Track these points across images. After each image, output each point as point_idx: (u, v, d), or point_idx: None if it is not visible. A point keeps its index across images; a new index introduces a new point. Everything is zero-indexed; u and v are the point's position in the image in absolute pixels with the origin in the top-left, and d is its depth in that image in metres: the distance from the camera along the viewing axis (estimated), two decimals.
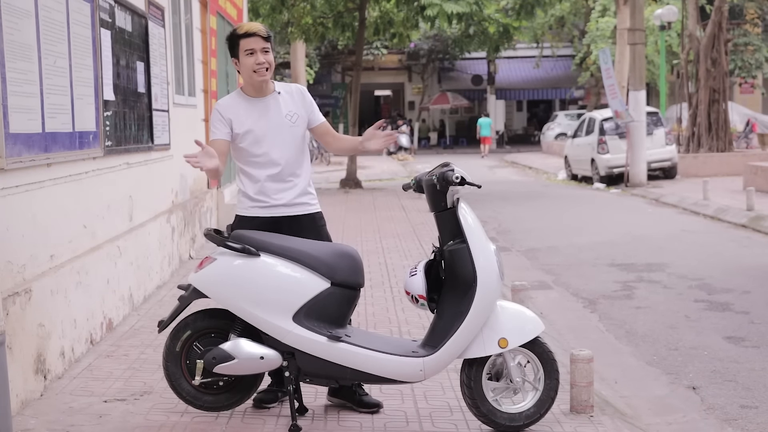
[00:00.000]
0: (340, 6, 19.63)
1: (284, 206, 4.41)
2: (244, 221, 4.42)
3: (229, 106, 4.43)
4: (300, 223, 4.42)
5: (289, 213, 4.41)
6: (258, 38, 4.33)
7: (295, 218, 4.42)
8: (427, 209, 4.42)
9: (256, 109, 4.41)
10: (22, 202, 4.68)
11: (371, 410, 4.45)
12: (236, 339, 4.08)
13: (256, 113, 4.40)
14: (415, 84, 45.67)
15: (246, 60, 4.34)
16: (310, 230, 4.42)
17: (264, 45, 4.35)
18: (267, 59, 4.35)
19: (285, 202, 4.40)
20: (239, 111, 4.40)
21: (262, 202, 4.41)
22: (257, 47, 4.33)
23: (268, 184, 4.39)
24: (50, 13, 5.05)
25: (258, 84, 4.40)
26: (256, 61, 4.32)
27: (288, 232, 4.36)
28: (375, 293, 7.38)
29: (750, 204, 13.07)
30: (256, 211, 4.42)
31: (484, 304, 4.03)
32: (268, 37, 4.38)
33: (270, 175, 4.39)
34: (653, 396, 5.38)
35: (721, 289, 8.18)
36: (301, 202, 4.45)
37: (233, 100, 4.47)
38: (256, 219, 4.40)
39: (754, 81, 33.32)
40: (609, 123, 20.06)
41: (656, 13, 25.62)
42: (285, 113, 4.43)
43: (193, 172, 9.72)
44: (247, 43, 4.33)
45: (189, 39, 9.76)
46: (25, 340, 4.54)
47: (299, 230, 4.38)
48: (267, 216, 4.40)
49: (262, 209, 4.41)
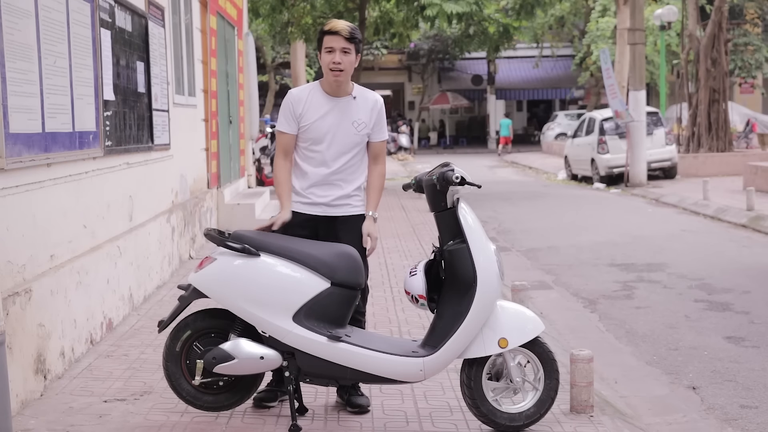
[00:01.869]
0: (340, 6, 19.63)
1: (325, 205, 4.41)
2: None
3: (302, 98, 4.41)
4: (337, 224, 4.42)
5: (328, 213, 4.42)
6: (339, 37, 4.31)
7: (332, 218, 4.42)
8: (427, 209, 4.42)
9: (328, 106, 4.40)
10: (22, 202, 4.67)
11: (357, 410, 4.44)
12: (236, 339, 4.08)
13: (326, 110, 4.39)
14: (415, 84, 45.67)
15: (325, 57, 4.34)
16: (347, 232, 4.41)
17: (345, 45, 4.31)
18: (345, 60, 4.31)
19: (326, 201, 4.41)
20: (310, 104, 4.39)
21: (305, 198, 4.43)
22: (337, 46, 4.31)
23: (316, 182, 4.40)
24: (50, 13, 5.05)
25: (333, 83, 4.39)
26: (333, 59, 4.31)
27: (325, 231, 4.38)
28: (375, 293, 7.37)
29: (750, 204, 13.07)
30: (298, 206, 4.44)
31: (484, 304, 4.03)
32: (352, 38, 4.33)
33: (320, 174, 4.40)
34: (653, 396, 5.38)
35: (721, 289, 8.18)
36: (343, 203, 4.44)
37: (307, 92, 4.45)
38: (297, 214, 4.41)
39: (754, 81, 33.30)
40: (609, 123, 20.06)
41: (656, 13, 25.62)
42: (353, 120, 4.41)
43: (193, 172, 9.73)
44: (329, 41, 4.33)
45: (189, 39, 9.76)
46: (25, 340, 4.54)
47: (337, 230, 4.39)
48: (307, 213, 4.41)
49: (304, 206, 4.43)
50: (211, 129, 10.80)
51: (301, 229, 4.37)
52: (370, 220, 4.47)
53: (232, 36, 13.09)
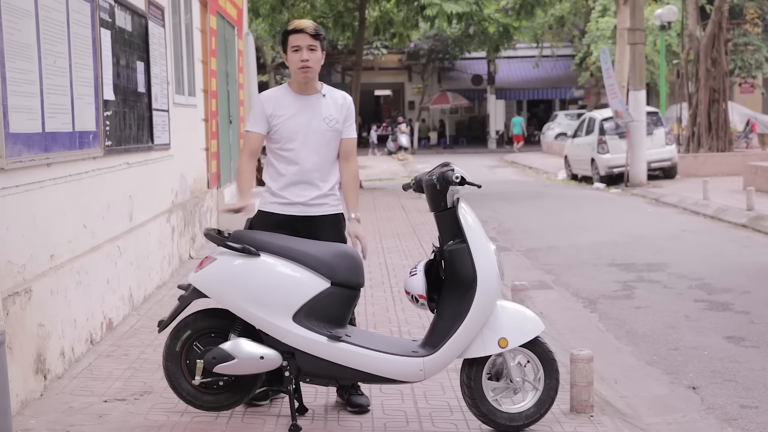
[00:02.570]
0: (340, 6, 19.64)
1: (302, 205, 4.41)
2: (264, 216, 4.45)
3: (272, 99, 4.45)
4: (317, 224, 4.42)
5: (307, 213, 4.41)
6: (305, 35, 4.35)
7: (311, 218, 4.42)
8: (427, 209, 4.42)
9: (298, 105, 4.42)
10: (22, 202, 4.68)
11: (357, 410, 4.45)
12: (236, 339, 4.08)
13: (296, 109, 4.41)
14: (415, 84, 45.66)
15: (292, 56, 4.37)
16: (327, 231, 4.41)
17: (311, 42, 4.35)
18: (312, 57, 4.35)
19: (304, 200, 4.41)
20: (281, 104, 4.42)
21: (282, 198, 4.42)
22: (304, 44, 4.35)
23: (292, 181, 4.40)
24: (50, 13, 5.05)
25: (302, 81, 4.42)
26: (301, 58, 4.34)
27: (304, 231, 4.37)
28: (375, 293, 7.38)
29: (750, 204, 13.07)
30: (275, 207, 4.43)
31: (484, 303, 4.03)
32: (317, 35, 4.37)
33: (295, 172, 4.40)
34: (653, 396, 5.38)
35: (721, 289, 8.18)
36: (320, 203, 4.44)
37: (277, 93, 4.49)
38: (273, 215, 4.42)
39: (754, 81, 33.32)
40: (609, 123, 20.06)
41: (656, 13, 25.61)
42: (325, 116, 4.44)
43: (193, 172, 9.73)
44: (295, 39, 4.36)
45: (189, 39, 9.76)
46: (25, 340, 4.54)
47: (316, 230, 4.38)
48: (284, 214, 4.41)
49: (281, 206, 4.42)
50: (211, 129, 10.80)
51: (279, 229, 4.36)
52: (354, 223, 4.46)
53: (232, 36, 13.10)
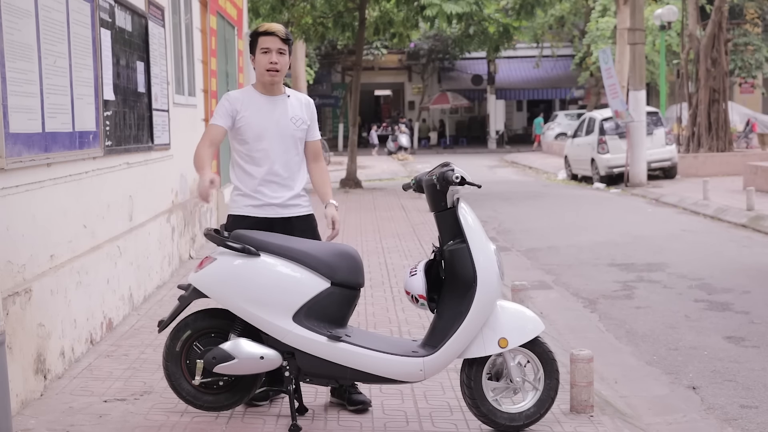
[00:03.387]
0: (340, 6, 19.62)
1: (278, 206, 4.43)
2: (237, 220, 4.43)
3: (238, 98, 4.49)
4: (292, 225, 4.46)
5: (282, 214, 4.44)
6: (276, 38, 4.39)
7: (287, 219, 4.46)
8: (427, 209, 4.42)
9: (265, 105, 4.47)
10: (22, 202, 4.67)
11: (358, 408, 4.45)
12: (236, 339, 4.08)
13: (263, 109, 4.46)
14: (415, 84, 45.67)
15: (260, 58, 4.41)
16: (302, 232, 4.45)
17: (281, 46, 4.41)
18: (281, 60, 4.41)
19: (279, 202, 4.43)
20: (247, 104, 4.45)
21: (256, 200, 4.43)
22: (273, 47, 4.39)
23: (264, 182, 4.42)
24: (50, 13, 5.05)
25: (268, 83, 4.46)
26: (270, 60, 4.39)
27: (281, 233, 4.37)
28: (375, 293, 7.38)
29: (750, 204, 13.07)
30: (249, 210, 4.44)
31: (484, 304, 4.03)
32: (287, 39, 4.43)
33: (267, 172, 4.42)
34: (653, 396, 5.38)
35: (721, 289, 8.18)
36: (295, 204, 4.48)
37: (244, 94, 4.53)
38: (248, 218, 4.42)
39: (754, 81, 33.33)
40: (609, 123, 20.06)
41: (656, 13, 25.63)
42: (291, 116, 4.50)
43: (193, 172, 9.72)
44: (264, 41, 4.40)
45: (189, 39, 9.76)
46: (25, 340, 4.54)
47: (291, 231, 4.41)
48: (260, 216, 4.42)
49: (255, 208, 4.43)
50: None
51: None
52: (331, 206, 4.51)
53: (232, 36, 13.10)
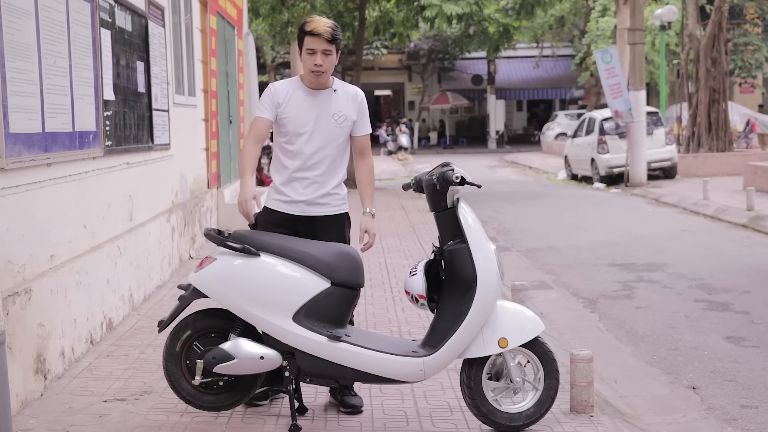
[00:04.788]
0: (340, 6, 19.62)
1: (305, 203, 4.40)
2: (267, 212, 4.46)
3: (283, 90, 4.44)
4: (317, 223, 4.42)
5: (309, 212, 4.41)
6: (321, 40, 4.31)
7: (312, 218, 4.41)
8: (427, 209, 4.42)
9: (308, 99, 4.42)
10: (22, 202, 4.68)
11: (350, 411, 4.45)
12: (236, 339, 4.08)
13: (306, 103, 4.41)
14: (415, 84, 45.66)
15: (306, 58, 4.36)
16: (328, 231, 4.41)
17: (326, 47, 4.32)
18: (327, 61, 4.34)
19: (306, 198, 4.40)
20: (290, 97, 4.42)
21: (285, 195, 4.42)
22: (319, 48, 4.32)
23: (295, 177, 4.40)
24: (50, 13, 5.05)
25: (313, 81, 4.42)
26: (315, 61, 4.33)
27: (305, 230, 4.37)
28: (375, 293, 7.38)
29: (750, 204, 13.07)
30: (278, 204, 4.44)
31: (484, 304, 4.03)
32: (333, 39, 4.34)
33: (299, 167, 4.39)
34: (653, 396, 5.38)
35: (721, 289, 8.18)
36: (323, 202, 4.43)
37: (289, 85, 4.48)
38: (276, 213, 4.42)
39: (754, 81, 33.32)
40: (609, 123, 20.06)
41: (656, 13, 25.61)
42: (333, 112, 4.43)
43: (193, 172, 9.73)
44: (310, 42, 4.33)
45: (189, 39, 9.76)
46: (25, 340, 4.54)
47: (316, 230, 4.38)
48: (287, 212, 4.41)
49: (284, 203, 4.42)
50: (211, 129, 10.80)
51: (280, 228, 4.37)
52: (367, 216, 4.47)
53: (232, 36, 13.09)
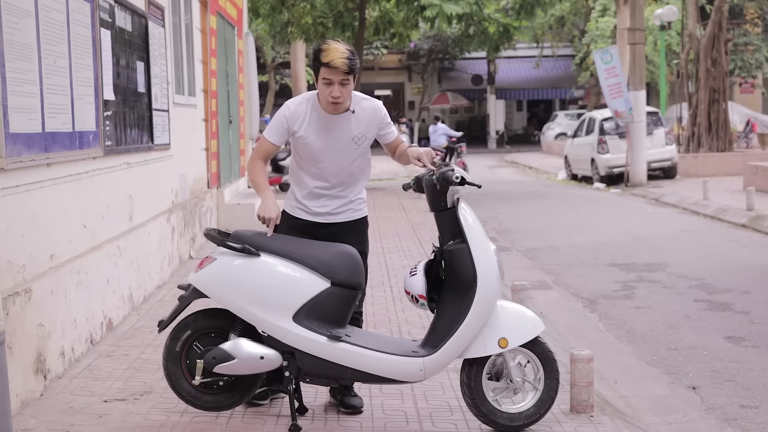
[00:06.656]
0: (340, 6, 19.63)
1: (327, 214, 4.43)
2: (287, 217, 4.45)
3: (299, 114, 4.32)
4: (339, 227, 4.43)
5: (330, 220, 4.43)
6: (338, 72, 4.16)
7: (335, 223, 4.44)
8: (427, 209, 4.42)
9: (324, 124, 4.32)
10: (22, 202, 4.67)
11: (350, 411, 4.45)
12: (236, 339, 4.08)
13: (323, 128, 4.32)
14: (415, 84, 45.66)
15: (323, 88, 4.22)
16: (349, 234, 4.42)
17: (343, 78, 4.18)
18: (344, 91, 4.22)
19: (327, 211, 4.42)
20: (308, 120, 4.32)
21: (306, 208, 4.43)
22: (336, 79, 4.18)
23: (316, 192, 4.40)
24: (50, 13, 5.05)
25: (331, 110, 4.30)
26: (332, 93, 4.20)
27: (326, 234, 4.37)
28: (375, 293, 7.38)
29: (750, 204, 13.07)
30: (299, 212, 4.45)
31: (484, 303, 4.03)
32: (351, 70, 4.19)
33: (320, 187, 4.40)
34: (653, 396, 5.38)
35: (721, 289, 8.18)
36: (344, 210, 4.44)
37: (306, 106, 4.34)
38: (298, 219, 4.43)
39: (754, 81, 33.31)
40: (609, 123, 20.06)
41: (656, 13, 25.61)
42: (353, 135, 4.35)
43: (193, 172, 9.73)
44: (327, 72, 4.18)
45: (189, 39, 9.76)
46: (25, 340, 4.54)
47: (337, 233, 4.40)
48: (308, 220, 4.43)
49: (304, 212, 4.44)
50: (211, 129, 10.80)
51: (302, 233, 4.37)
52: (413, 148, 4.33)
53: (232, 36, 13.09)
